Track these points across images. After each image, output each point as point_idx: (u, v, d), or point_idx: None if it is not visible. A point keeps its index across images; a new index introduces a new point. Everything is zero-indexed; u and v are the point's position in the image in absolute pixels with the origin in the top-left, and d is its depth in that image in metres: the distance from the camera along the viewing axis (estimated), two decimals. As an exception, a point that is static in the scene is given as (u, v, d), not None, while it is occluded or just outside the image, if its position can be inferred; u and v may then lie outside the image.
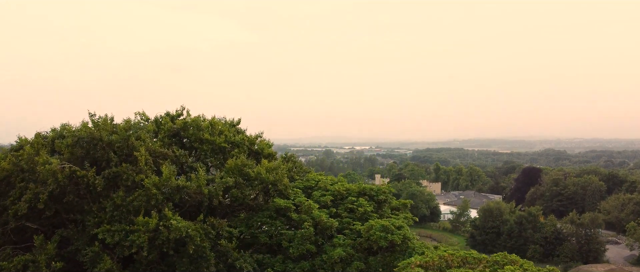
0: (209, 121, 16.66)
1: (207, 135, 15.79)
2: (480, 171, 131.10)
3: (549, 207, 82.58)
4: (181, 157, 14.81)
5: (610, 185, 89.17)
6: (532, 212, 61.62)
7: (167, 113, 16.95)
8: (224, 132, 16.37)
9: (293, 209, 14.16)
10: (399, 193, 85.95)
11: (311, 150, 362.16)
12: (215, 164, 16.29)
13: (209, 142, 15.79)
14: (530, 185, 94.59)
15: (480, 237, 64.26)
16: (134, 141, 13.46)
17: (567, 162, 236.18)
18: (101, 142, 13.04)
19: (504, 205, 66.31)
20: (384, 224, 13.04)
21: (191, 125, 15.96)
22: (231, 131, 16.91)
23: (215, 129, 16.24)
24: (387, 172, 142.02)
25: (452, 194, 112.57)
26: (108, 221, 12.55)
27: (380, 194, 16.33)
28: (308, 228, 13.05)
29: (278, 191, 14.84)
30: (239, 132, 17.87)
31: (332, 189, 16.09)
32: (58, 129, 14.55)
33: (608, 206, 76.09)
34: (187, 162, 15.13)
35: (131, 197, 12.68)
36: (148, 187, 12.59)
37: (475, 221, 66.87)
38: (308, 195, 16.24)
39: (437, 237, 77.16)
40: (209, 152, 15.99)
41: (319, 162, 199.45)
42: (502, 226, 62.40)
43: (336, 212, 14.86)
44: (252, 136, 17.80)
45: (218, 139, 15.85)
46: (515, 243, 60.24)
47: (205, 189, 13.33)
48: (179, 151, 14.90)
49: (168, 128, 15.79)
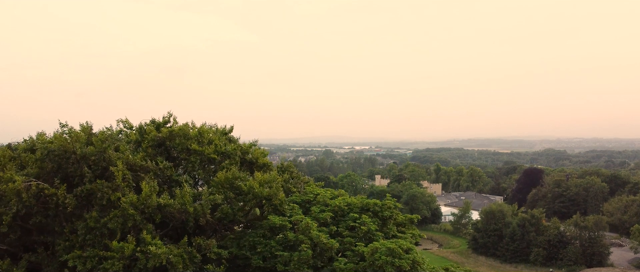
0: (198, 129, 15.30)
1: (195, 145, 14.49)
2: (481, 172, 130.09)
3: (550, 209, 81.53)
4: (166, 170, 13.49)
5: (612, 186, 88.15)
6: (535, 215, 60.53)
7: (152, 120, 15.55)
8: (214, 141, 15.06)
9: (289, 228, 12.86)
10: (399, 195, 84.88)
11: (311, 150, 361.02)
12: (204, 177, 15.01)
13: (198, 153, 14.48)
14: (532, 186, 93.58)
15: (482, 240, 63.20)
16: (111, 154, 12.17)
17: (567, 163, 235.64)
18: (74, 155, 11.76)
19: (506, 207, 65.21)
20: (390, 247, 11.74)
21: (178, 134, 14.56)
22: (222, 140, 15.58)
23: (204, 138, 14.94)
24: (387, 173, 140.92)
25: (452, 195, 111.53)
26: (80, 246, 11.32)
27: (384, 210, 14.82)
28: (306, 250, 11.81)
29: (273, 206, 13.58)
30: (231, 141, 16.54)
31: (332, 204, 14.71)
32: (34, 137, 13.31)
33: (611, 207, 75.08)
34: (173, 176, 13.82)
35: (105, 219, 11.42)
36: (124, 207, 11.36)
37: (477, 223, 65.77)
38: (306, 210, 14.93)
39: (438, 240, 76.17)
40: (197, 164, 14.70)
41: (319, 163, 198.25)
42: (504, 228, 61.31)
43: (337, 231, 13.40)
44: (245, 144, 16.46)
45: (207, 149, 14.53)
46: (518, 246, 59.17)
47: (190, 207, 12.07)
48: (163, 162, 13.60)
49: (152, 137, 14.46)
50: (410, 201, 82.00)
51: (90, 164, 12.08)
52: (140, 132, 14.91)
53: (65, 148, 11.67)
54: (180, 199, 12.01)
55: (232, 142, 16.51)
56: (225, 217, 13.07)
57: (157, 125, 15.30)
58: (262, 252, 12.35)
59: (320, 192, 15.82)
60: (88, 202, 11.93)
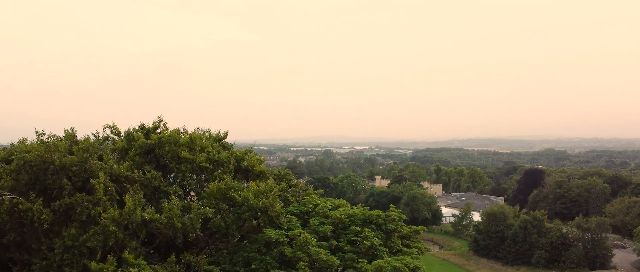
0: (189, 136, 14.33)
1: (185, 153, 13.56)
2: (482, 172, 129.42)
3: (552, 210, 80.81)
4: (154, 181, 12.55)
5: (614, 187, 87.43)
6: (537, 217, 59.82)
7: (141, 126, 14.52)
8: (206, 149, 14.13)
9: (286, 242, 12.02)
10: (399, 195, 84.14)
11: (311, 150, 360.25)
12: (195, 187, 14.01)
13: (188, 161, 13.54)
14: (533, 187, 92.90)
15: (483, 242, 62.50)
16: (93, 164, 11.23)
17: (567, 163, 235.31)
18: (53, 165, 10.88)
19: (507, 209, 64.47)
20: (396, 266, 10.89)
21: (168, 141, 13.63)
22: (215, 147, 14.62)
23: (196, 145, 13.98)
24: (387, 174, 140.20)
25: (453, 196, 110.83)
26: (57, 265, 10.45)
27: (389, 222, 13.81)
28: (304, 268, 10.97)
29: (269, 218, 12.65)
30: (226, 147, 15.59)
31: (333, 216, 13.76)
32: (15, 144, 12.44)
33: (613, 209, 74.38)
34: (162, 186, 12.86)
35: (85, 236, 10.49)
36: (105, 223, 10.44)
37: (478, 225, 65.04)
38: (304, 222, 14.04)
39: (439, 241, 75.48)
40: (188, 173, 13.81)
41: (319, 163, 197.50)
42: (506, 230, 60.61)
43: (337, 246, 12.46)
44: (240, 150, 15.56)
45: (199, 157, 13.61)
46: (520, 248, 58.47)
47: (178, 222, 11.15)
48: (151, 172, 12.69)
49: (140, 144, 13.55)
50: (410, 202, 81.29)
51: (71, 176, 11.21)
52: (128, 139, 14.01)
53: (43, 158, 10.81)
54: (167, 213, 11.10)
55: (226, 148, 15.58)
56: (218, 231, 12.25)
57: (146, 132, 14.35)
58: (256, 269, 11.48)
59: (320, 202, 14.82)
60: (67, 218, 11.03)
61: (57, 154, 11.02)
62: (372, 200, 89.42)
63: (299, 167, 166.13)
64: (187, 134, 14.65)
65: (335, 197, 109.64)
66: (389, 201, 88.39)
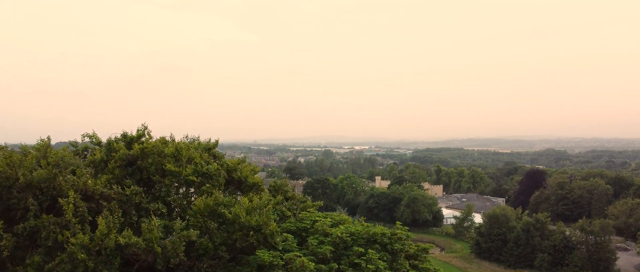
0: (175, 146, 13.01)
1: (170, 165, 12.31)
2: (482, 173, 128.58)
3: (554, 212, 79.98)
4: (134, 197, 11.26)
5: (616, 188, 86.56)
6: (540, 219, 58.88)
7: (123, 135, 13.34)
8: (194, 159, 12.91)
9: (281, 266, 10.87)
10: (400, 197, 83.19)
11: (310, 150, 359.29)
12: (181, 203, 12.67)
13: (174, 175, 12.32)
14: (535, 188, 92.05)
15: (485, 245, 61.56)
16: (63, 181, 9.95)
17: (568, 163, 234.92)
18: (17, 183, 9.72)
19: (510, 211, 63.52)
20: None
21: (151, 152, 12.39)
22: (204, 157, 13.33)
23: (182, 155, 12.75)
24: (387, 174, 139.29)
25: (454, 197, 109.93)
26: None
27: (395, 242, 12.41)
28: (300, 297, 9.86)
29: (263, 236, 11.39)
30: (216, 157, 14.29)
31: (333, 235, 12.43)
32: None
33: (616, 210, 73.48)
34: (143, 203, 11.54)
35: (50, 265, 9.28)
36: (72, 250, 9.20)
37: (480, 227, 64.11)
38: (302, 240, 12.79)
39: (440, 243, 74.53)
40: (172, 188, 12.52)
41: (319, 163, 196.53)
42: (508, 233, 59.68)
43: (338, 269, 11.20)
44: (232, 160, 14.21)
45: (185, 170, 12.43)
46: (522, 251, 57.55)
47: (158, 246, 9.88)
48: (131, 187, 11.44)
49: (121, 156, 12.34)
50: (411, 203, 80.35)
51: (38, 194, 10.01)
52: (108, 150, 12.73)
53: (5, 175, 9.64)
54: (147, 235, 9.82)
55: (217, 158, 14.28)
56: (205, 253, 11.00)
57: (128, 141, 13.12)
58: (248, 298, 10.34)
59: (320, 218, 13.48)
60: (32, 243, 9.80)
61: (22, 170, 9.81)
62: (372, 201, 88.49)
63: (299, 168, 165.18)
64: (174, 143, 13.41)
65: (335, 198, 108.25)
66: (390, 203, 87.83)
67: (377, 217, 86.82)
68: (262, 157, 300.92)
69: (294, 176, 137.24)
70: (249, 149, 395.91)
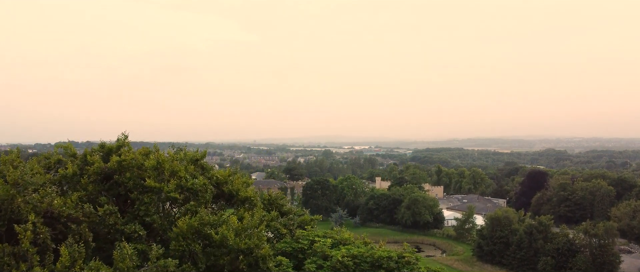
0: (157, 158, 11.69)
1: (150, 180, 11.01)
2: (483, 174, 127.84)
3: (556, 213, 79.18)
4: (109, 218, 10.08)
5: (619, 190, 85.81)
6: (543, 222, 58.08)
7: (101, 145, 12.21)
8: (178, 173, 11.59)
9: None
10: (400, 198, 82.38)
11: (310, 150, 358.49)
12: (162, 224, 11.22)
13: (154, 191, 11.01)
14: (536, 189, 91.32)
15: (487, 248, 60.76)
16: (22, 203, 8.73)
17: (568, 163, 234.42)
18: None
19: (512, 213, 62.75)
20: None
21: (130, 166, 11.15)
22: (189, 170, 12.12)
23: (165, 169, 11.46)
24: (387, 175, 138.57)
25: (455, 198, 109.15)
26: None
27: (403, 266, 10.91)
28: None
29: (254, 260, 10.07)
30: (204, 169, 13.01)
31: (334, 258, 11.10)
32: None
33: (619, 212, 72.76)
34: (118, 225, 10.26)
35: None
36: None
37: (482, 230, 63.31)
38: (299, 262, 11.60)
39: (442, 246, 73.78)
40: (152, 207, 11.11)
41: (318, 164, 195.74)
42: (510, 236, 58.89)
43: None
44: (222, 172, 12.96)
45: (167, 185, 11.11)
46: (525, 254, 56.78)
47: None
48: (105, 207, 10.23)
49: (96, 170, 11.09)
50: (412, 205, 79.58)
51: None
52: (83, 163, 11.48)
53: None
54: (120, 264, 8.63)
55: (205, 171, 13.02)
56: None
57: (106, 152, 11.99)
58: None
59: (319, 238, 12.33)
60: None
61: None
62: (372, 203, 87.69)
63: (299, 168, 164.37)
64: (156, 155, 11.96)
65: (335, 199, 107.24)
66: (390, 204, 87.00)
67: (377, 218, 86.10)
68: (261, 157, 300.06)
69: (294, 177, 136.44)
70: (248, 149, 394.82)
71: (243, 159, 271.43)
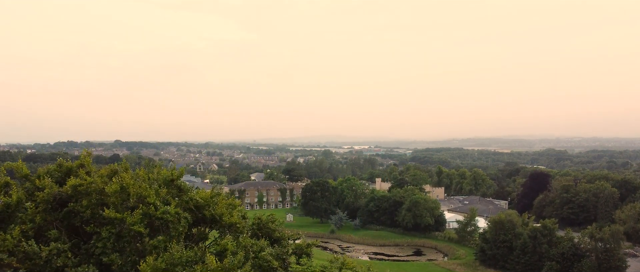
0: (121, 181, 9.21)
1: (110, 210, 8.78)
2: (484, 174, 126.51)
3: (559, 215, 77.77)
4: (56, 259, 7.97)
5: (623, 191, 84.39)
6: (548, 226, 56.66)
7: (59, 164, 9.96)
8: (146, 198, 9.24)
9: None
10: (402, 200, 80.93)
11: (310, 150, 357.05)
12: (123, 265, 8.77)
13: (114, 223, 8.72)
14: (538, 191, 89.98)
15: (490, 252, 59.30)
16: None
17: (569, 163, 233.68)
18: None
19: (516, 217, 61.32)
20: None
21: (87, 191, 9.02)
22: (162, 194, 9.72)
23: (130, 194, 9.12)
24: (387, 175, 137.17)
25: (456, 200, 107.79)
26: None
27: None
28: None
29: None
30: (181, 191, 10.60)
31: None
32: None
33: (623, 215, 71.41)
34: (68, 267, 8.23)
35: None
36: None
37: (485, 234, 61.85)
38: None
39: (443, 249, 72.37)
40: (110, 243, 8.73)
41: (318, 164, 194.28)
42: (514, 240, 57.46)
43: None
44: (203, 194, 10.68)
45: (131, 216, 8.83)
46: (529, 259, 55.36)
47: None
48: (51, 245, 8.13)
49: (47, 196, 9.00)
50: (413, 207, 78.14)
51: None
52: (33, 187, 9.33)
53: None
54: None
55: (183, 192, 10.61)
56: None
57: (64, 172, 9.83)
58: None
59: None
60: None
61: None
62: (372, 205, 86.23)
63: (298, 169, 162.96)
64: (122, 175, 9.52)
65: (335, 201, 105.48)
66: (391, 206, 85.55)
67: (378, 221, 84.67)
68: (261, 157, 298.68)
69: (293, 178, 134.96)
70: (248, 149, 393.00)
71: (242, 159, 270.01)
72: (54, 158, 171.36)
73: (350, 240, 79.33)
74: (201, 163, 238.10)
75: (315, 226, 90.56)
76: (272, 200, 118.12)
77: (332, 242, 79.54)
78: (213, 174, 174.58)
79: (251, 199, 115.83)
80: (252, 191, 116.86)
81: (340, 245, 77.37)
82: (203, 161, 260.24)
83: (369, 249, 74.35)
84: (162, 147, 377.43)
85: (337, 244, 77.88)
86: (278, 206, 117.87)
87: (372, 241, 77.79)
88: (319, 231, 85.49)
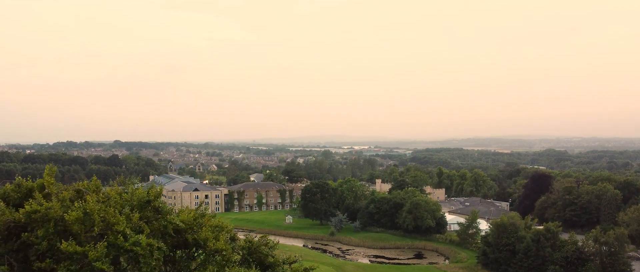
0: (83, 207, 7.89)
1: (68, 243, 7.36)
2: (485, 175, 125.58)
3: (561, 218, 76.82)
4: None
5: (625, 193, 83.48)
6: (551, 229, 55.73)
7: (17, 184, 8.36)
8: (114, 226, 7.87)
9: None
10: (402, 202, 79.96)
11: (310, 150, 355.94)
12: None
13: (74, 259, 7.39)
14: (540, 192, 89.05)
15: (493, 255, 58.33)
16: None
17: (569, 163, 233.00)
18: None
19: (518, 219, 60.39)
20: None
21: (43, 219, 7.57)
22: (134, 219, 8.28)
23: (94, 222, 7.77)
24: (388, 176, 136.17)
25: (456, 201, 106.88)
26: None
27: None
28: None
29: None
30: (160, 213, 9.04)
31: None
32: None
33: (627, 217, 70.51)
34: None
35: None
36: None
37: (487, 237, 60.91)
38: None
39: (444, 252, 71.36)
40: None
41: (318, 164, 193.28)
42: (517, 243, 56.49)
43: None
44: (186, 216, 9.10)
45: (94, 250, 7.39)
46: (533, 263, 54.40)
47: None
48: None
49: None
50: (413, 209, 77.13)
51: None
52: None
53: None
54: None
55: (161, 214, 9.05)
56: None
57: (23, 195, 8.27)
58: None
59: None
60: None
61: None
62: (373, 207, 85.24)
63: (298, 170, 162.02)
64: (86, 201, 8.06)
65: (335, 203, 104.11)
66: (391, 208, 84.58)
67: (378, 223, 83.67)
68: (260, 158, 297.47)
69: (293, 179, 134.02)
70: (247, 149, 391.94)
71: (242, 160, 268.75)
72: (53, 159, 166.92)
73: (350, 242, 78.31)
74: (201, 163, 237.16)
75: (315, 227, 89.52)
76: (272, 201, 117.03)
77: (331, 244, 78.55)
78: (212, 175, 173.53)
79: (250, 201, 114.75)
80: (251, 192, 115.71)
81: (340, 247, 76.36)
82: (202, 161, 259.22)
83: (369, 251, 73.33)
84: (162, 147, 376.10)
85: (336, 247, 76.87)
86: (277, 207, 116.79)
87: (372, 243, 76.71)
88: (318, 232, 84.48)
